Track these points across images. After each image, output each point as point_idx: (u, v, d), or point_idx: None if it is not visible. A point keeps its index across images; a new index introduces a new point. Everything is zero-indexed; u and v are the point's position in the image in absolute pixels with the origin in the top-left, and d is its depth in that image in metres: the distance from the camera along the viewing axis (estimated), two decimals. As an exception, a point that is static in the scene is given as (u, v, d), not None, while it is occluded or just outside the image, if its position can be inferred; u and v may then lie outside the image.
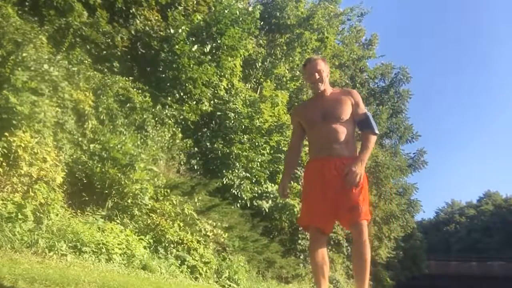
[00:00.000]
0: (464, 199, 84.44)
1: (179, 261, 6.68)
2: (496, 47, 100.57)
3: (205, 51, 10.41)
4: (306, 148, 3.51)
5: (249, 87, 14.08)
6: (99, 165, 6.44)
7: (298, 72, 16.92)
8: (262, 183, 12.05)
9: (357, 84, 23.10)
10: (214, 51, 10.86)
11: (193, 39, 10.51)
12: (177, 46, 9.99)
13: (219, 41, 10.86)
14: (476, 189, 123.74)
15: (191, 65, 10.00)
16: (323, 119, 3.05)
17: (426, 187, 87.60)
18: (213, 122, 11.68)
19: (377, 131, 3.11)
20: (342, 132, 3.03)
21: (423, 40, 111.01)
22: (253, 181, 11.53)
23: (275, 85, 15.15)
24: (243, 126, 11.73)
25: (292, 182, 14.21)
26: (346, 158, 3.01)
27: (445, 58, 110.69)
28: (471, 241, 53.03)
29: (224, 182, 10.63)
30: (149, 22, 10.31)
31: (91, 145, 6.69)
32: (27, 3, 7.78)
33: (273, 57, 15.78)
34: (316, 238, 3.08)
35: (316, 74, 3.12)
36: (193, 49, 10.11)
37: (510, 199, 55.66)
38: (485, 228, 53.71)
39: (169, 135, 9.27)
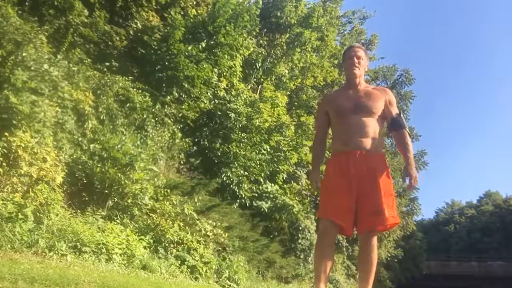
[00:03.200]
0: (464, 199, 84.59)
1: (179, 261, 6.67)
2: (495, 48, 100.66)
3: (200, 48, 10.39)
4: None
5: (249, 88, 14.09)
6: (99, 165, 6.44)
7: (297, 72, 16.93)
8: (262, 182, 12.06)
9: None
10: (212, 49, 10.86)
11: (190, 37, 10.51)
12: (174, 46, 10.00)
13: (215, 38, 10.85)
14: (476, 189, 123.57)
15: (188, 64, 10.00)
16: (354, 111, 2.96)
17: (426, 187, 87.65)
18: (213, 121, 11.69)
19: (409, 133, 3.04)
20: (372, 126, 2.94)
21: (423, 41, 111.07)
22: (252, 179, 11.54)
23: (273, 85, 15.17)
24: (240, 125, 11.74)
25: (292, 181, 14.24)
26: (374, 153, 2.93)
27: (445, 59, 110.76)
28: (471, 241, 53.00)
29: (224, 179, 10.64)
30: (148, 23, 10.33)
31: (91, 145, 6.69)
32: (27, 3, 7.78)
33: (273, 57, 15.78)
34: (326, 231, 2.92)
35: (355, 58, 3.06)
36: (189, 48, 10.12)
37: (510, 199, 55.61)
38: (485, 228, 53.68)
39: (169, 135, 9.27)
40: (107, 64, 9.14)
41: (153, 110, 8.92)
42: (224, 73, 11.71)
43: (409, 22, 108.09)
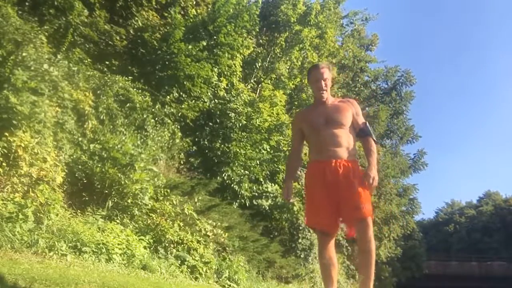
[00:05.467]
0: (464, 199, 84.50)
1: (179, 261, 6.67)
2: (495, 48, 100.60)
3: (201, 47, 10.39)
4: (306, 149, 3.63)
5: (248, 87, 14.07)
6: (99, 165, 6.43)
7: (296, 71, 16.91)
8: (262, 182, 12.05)
9: (358, 85, 23.09)
10: (212, 49, 10.84)
11: (191, 36, 10.50)
12: (174, 45, 9.99)
13: (215, 38, 10.84)
14: (476, 189, 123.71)
15: (188, 63, 10.00)
16: (326, 124, 3.17)
17: (426, 187, 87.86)
18: (213, 121, 11.69)
19: (375, 140, 3.27)
20: (344, 136, 3.16)
21: (424, 42, 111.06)
22: (252, 178, 11.52)
23: (272, 84, 15.15)
24: (240, 124, 11.74)
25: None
26: (347, 160, 3.12)
27: (445, 59, 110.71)
28: (471, 241, 52.97)
29: (224, 178, 10.63)
30: (148, 22, 10.33)
31: (91, 145, 6.68)
32: (27, 3, 7.77)
33: (273, 56, 15.76)
34: (322, 241, 3.19)
35: (322, 82, 3.24)
36: (189, 47, 10.11)
37: (510, 199, 55.55)
38: (485, 228, 53.64)
39: (169, 135, 9.27)
40: (107, 63, 9.13)
41: (153, 110, 8.91)
42: (224, 73, 11.71)
43: (409, 22, 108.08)
